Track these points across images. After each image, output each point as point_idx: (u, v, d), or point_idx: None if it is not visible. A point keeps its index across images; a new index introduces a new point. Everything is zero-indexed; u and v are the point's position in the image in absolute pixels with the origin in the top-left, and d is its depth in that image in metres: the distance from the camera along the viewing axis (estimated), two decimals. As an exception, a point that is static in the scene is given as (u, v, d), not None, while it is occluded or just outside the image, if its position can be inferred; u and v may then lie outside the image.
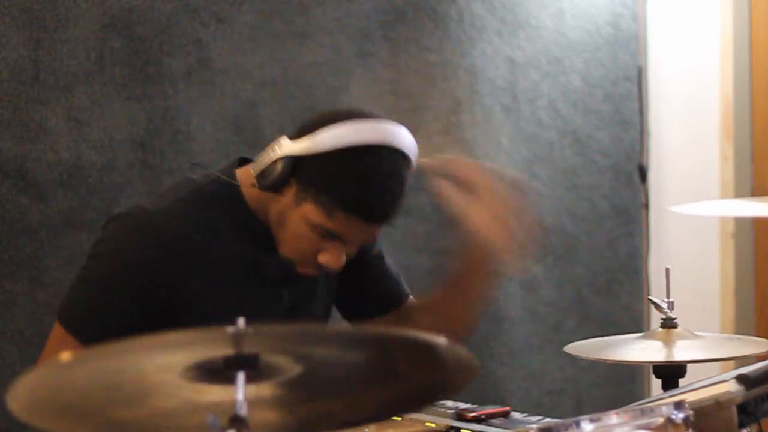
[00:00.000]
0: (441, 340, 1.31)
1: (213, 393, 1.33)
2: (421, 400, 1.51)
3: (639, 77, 4.02)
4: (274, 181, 2.03)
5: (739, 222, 3.90)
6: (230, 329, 1.23)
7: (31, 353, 2.72)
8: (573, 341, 2.30)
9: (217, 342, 1.26)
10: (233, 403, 1.27)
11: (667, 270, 2.21)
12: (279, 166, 2.02)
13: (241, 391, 1.27)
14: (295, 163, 2.01)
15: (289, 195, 2.04)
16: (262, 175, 2.05)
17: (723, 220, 3.93)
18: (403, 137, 2.02)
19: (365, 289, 2.31)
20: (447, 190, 2.09)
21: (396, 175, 2.01)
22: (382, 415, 1.59)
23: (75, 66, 2.84)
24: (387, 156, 2.00)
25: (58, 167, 2.81)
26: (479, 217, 2.09)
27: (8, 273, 2.74)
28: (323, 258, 2.04)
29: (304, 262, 2.07)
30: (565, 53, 3.83)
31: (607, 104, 3.94)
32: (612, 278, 3.95)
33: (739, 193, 3.88)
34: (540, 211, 3.77)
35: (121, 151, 2.90)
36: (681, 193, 4.01)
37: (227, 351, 1.27)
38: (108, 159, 2.88)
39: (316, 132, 2.00)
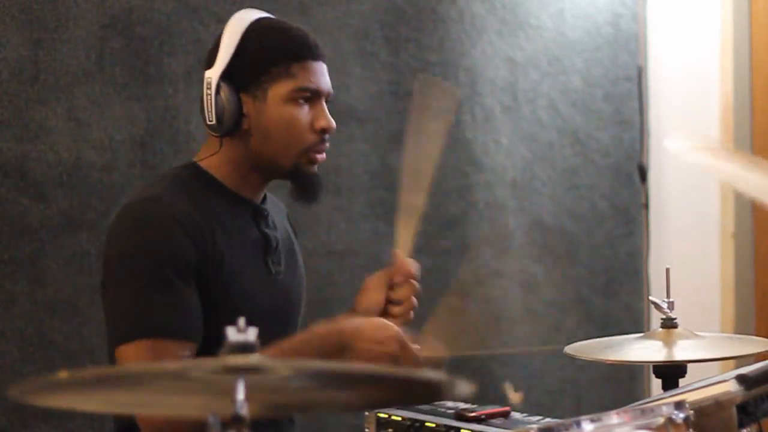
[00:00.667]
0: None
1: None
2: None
3: (639, 77, 4.02)
4: (231, 109, 2.08)
5: (739, 222, 3.90)
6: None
7: (31, 353, 2.72)
8: (573, 341, 2.30)
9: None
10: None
11: (668, 270, 2.21)
12: (223, 93, 2.08)
13: (241, 392, 1.27)
14: (230, 78, 2.08)
15: (251, 109, 2.09)
16: (218, 119, 2.10)
17: (723, 220, 3.92)
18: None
19: None
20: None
21: (291, 23, 2.19)
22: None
23: (75, 66, 2.84)
24: (273, 18, 2.18)
25: (58, 167, 2.81)
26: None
27: (8, 273, 2.74)
28: (320, 123, 2.11)
29: (311, 144, 2.11)
30: (565, 53, 3.83)
31: (607, 104, 3.93)
32: (612, 278, 3.95)
33: (739, 193, 3.87)
34: (540, 211, 3.78)
35: (121, 151, 2.90)
36: (681, 193, 4.01)
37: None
38: (108, 159, 2.88)
39: (219, 46, 2.11)
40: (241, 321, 1.30)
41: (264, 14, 2.18)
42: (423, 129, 2.28)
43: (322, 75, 2.13)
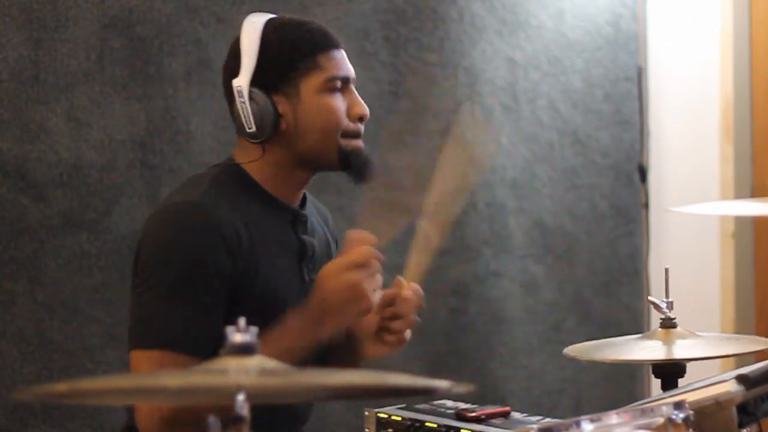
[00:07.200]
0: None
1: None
2: None
3: (639, 77, 4.02)
4: (268, 113, 2.05)
5: (739, 222, 3.90)
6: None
7: (30, 353, 2.72)
8: (573, 341, 2.30)
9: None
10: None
11: (666, 270, 2.20)
12: (258, 98, 2.05)
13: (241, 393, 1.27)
14: (258, 82, 2.05)
15: (286, 108, 2.07)
16: (258, 126, 2.06)
17: (723, 220, 3.92)
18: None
19: None
20: None
21: (302, 17, 2.18)
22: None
23: (75, 66, 2.84)
24: (284, 16, 2.15)
25: (58, 167, 2.81)
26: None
27: (8, 273, 2.74)
28: (356, 110, 2.11)
29: (350, 131, 2.10)
30: (565, 53, 3.83)
31: (607, 104, 3.94)
32: (612, 278, 3.95)
33: (739, 194, 3.88)
34: (540, 211, 3.78)
35: (121, 151, 2.90)
36: (681, 194, 4.01)
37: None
38: (108, 159, 2.88)
39: (238, 53, 2.07)
40: (242, 321, 1.30)
41: (272, 15, 2.14)
42: (451, 160, 2.26)
43: (346, 62, 2.13)
